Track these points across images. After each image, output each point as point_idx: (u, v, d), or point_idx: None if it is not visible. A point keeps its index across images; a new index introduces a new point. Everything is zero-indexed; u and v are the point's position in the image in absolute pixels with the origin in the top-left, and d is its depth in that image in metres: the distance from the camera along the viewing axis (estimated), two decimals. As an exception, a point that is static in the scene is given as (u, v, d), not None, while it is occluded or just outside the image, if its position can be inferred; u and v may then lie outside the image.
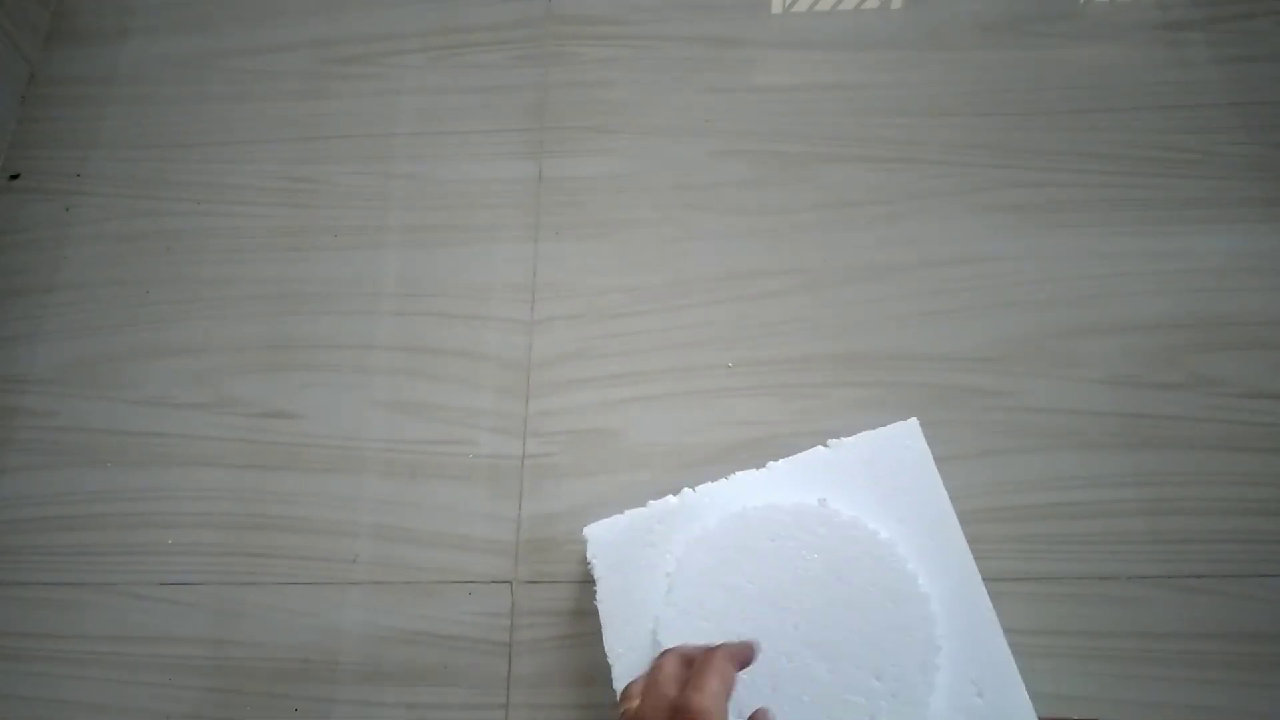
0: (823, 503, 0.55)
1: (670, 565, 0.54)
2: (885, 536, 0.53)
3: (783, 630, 0.51)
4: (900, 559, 0.52)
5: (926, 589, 0.51)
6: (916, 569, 0.52)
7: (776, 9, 0.83)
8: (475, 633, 0.61)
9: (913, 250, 0.71)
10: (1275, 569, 0.59)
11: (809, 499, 0.55)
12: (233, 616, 0.63)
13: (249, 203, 0.78)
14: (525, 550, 0.63)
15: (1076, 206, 0.72)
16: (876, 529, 0.53)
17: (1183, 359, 0.66)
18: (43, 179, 0.81)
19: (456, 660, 0.60)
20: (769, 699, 0.49)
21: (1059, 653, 0.57)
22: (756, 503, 0.55)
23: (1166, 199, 0.72)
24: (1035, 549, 0.61)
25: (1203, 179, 0.72)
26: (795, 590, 0.52)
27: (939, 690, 0.49)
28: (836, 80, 0.79)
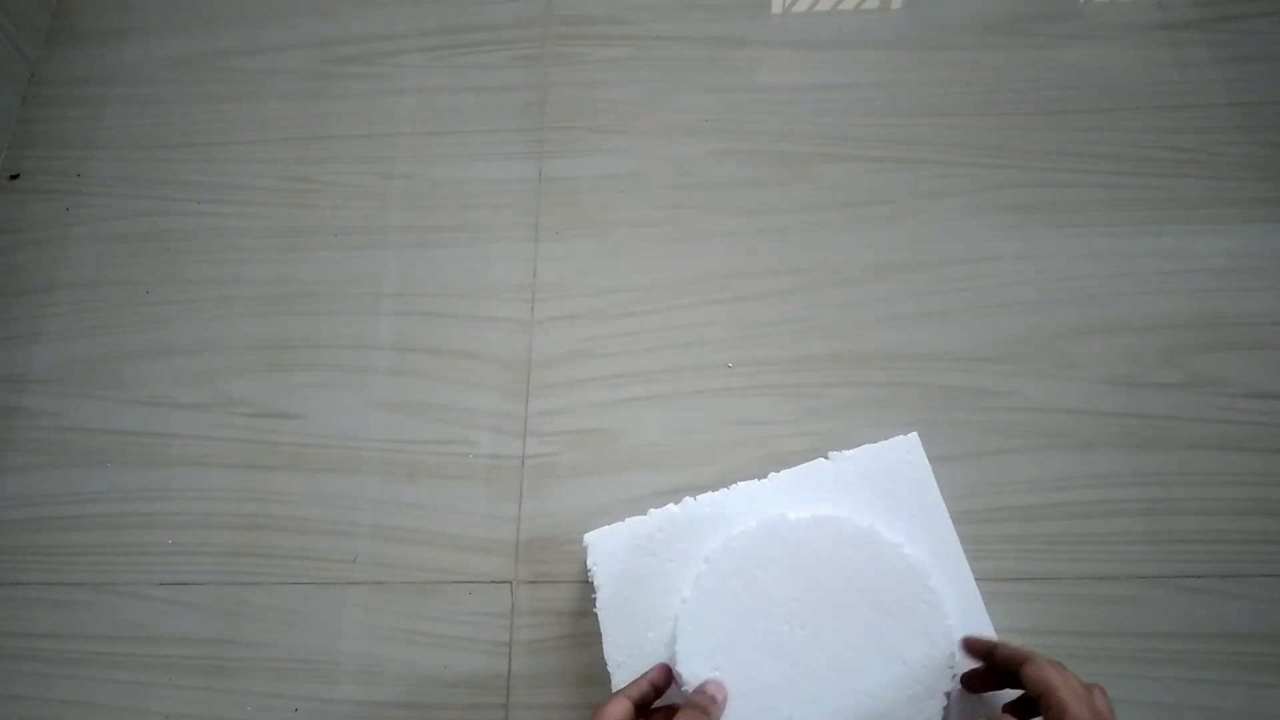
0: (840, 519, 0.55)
1: (693, 570, 0.54)
2: (908, 551, 0.53)
3: (804, 651, 0.50)
4: (925, 576, 0.52)
5: (945, 610, 0.51)
6: (938, 588, 0.52)
7: (776, 9, 0.83)
8: (475, 633, 0.61)
9: (913, 250, 0.71)
10: (1276, 569, 0.59)
11: (820, 510, 0.55)
12: (232, 616, 0.63)
13: (249, 203, 0.78)
14: (525, 550, 0.63)
15: (1076, 207, 0.72)
16: (899, 543, 0.53)
17: (1183, 359, 0.66)
18: (43, 179, 0.81)
19: (456, 660, 0.60)
20: (787, 708, 0.49)
21: (1059, 653, 0.57)
22: (774, 514, 0.55)
23: (1166, 199, 0.72)
24: (1035, 549, 0.61)
25: (1202, 179, 0.72)
26: (815, 608, 0.52)
27: (952, 708, 0.50)
28: (837, 80, 0.79)
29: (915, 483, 0.56)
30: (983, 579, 0.54)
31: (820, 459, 0.58)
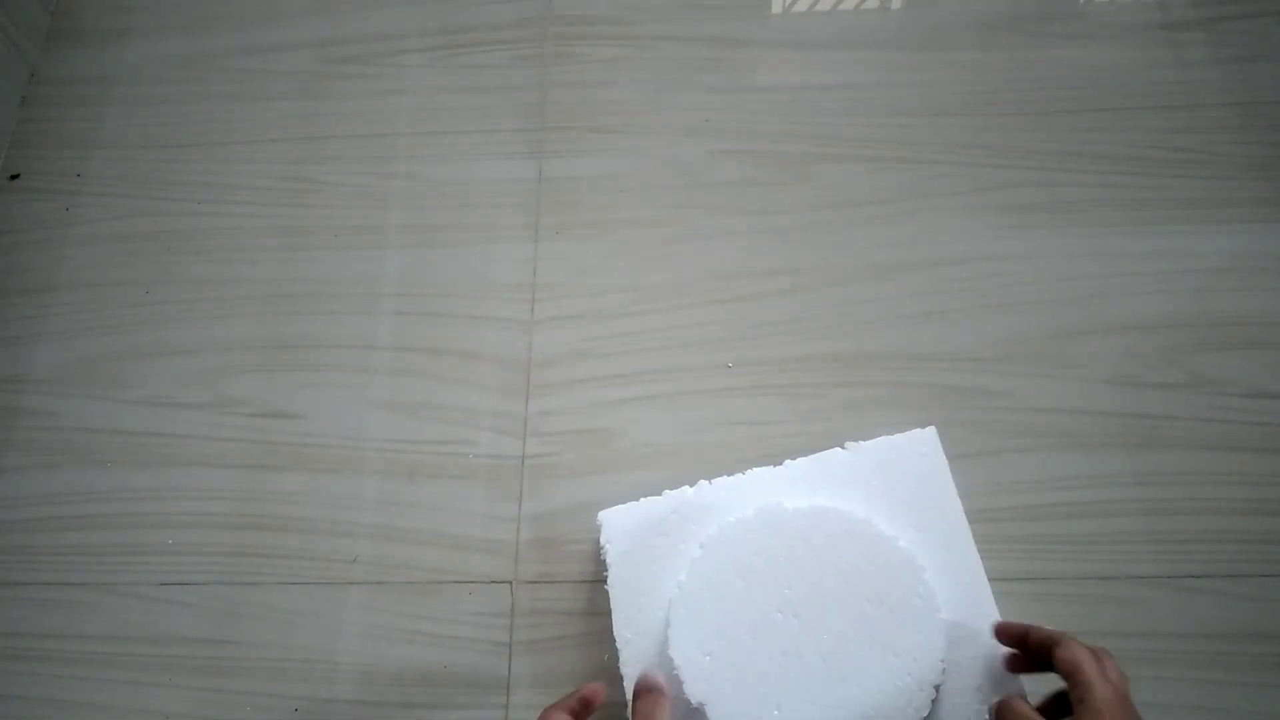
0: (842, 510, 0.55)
1: (689, 556, 0.54)
2: (903, 544, 0.53)
3: (799, 644, 0.51)
4: (919, 570, 0.52)
5: (938, 604, 0.51)
6: (934, 583, 0.52)
7: (776, 9, 0.83)
8: (475, 633, 0.61)
9: (913, 250, 0.71)
10: (1276, 569, 0.59)
11: (825, 500, 0.55)
12: (232, 616, 0.63)
13: (249, 202, 0.78)
14: (525, 550, 0.63)
15: (1077, 206, 0.72)
16: (894, 535, 0.53)
17: (1183, 359, 0.66)
18: (43, 179, 0.81)
19: (456, 660, 0.60)
20: (775, 694, 0.50)
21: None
22: (772, 503, 0.55)
23: (1167, 199, 0.71)
24: (1036, 549, 0.61)
25: (1203, 179, 0.72)
26: (808, 596, 0.52)
27: (945, 697, 0.50)
28: (837, 80, 0.79)
29: (930, 475, 0.56)
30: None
31: (837, 448, 0.58)
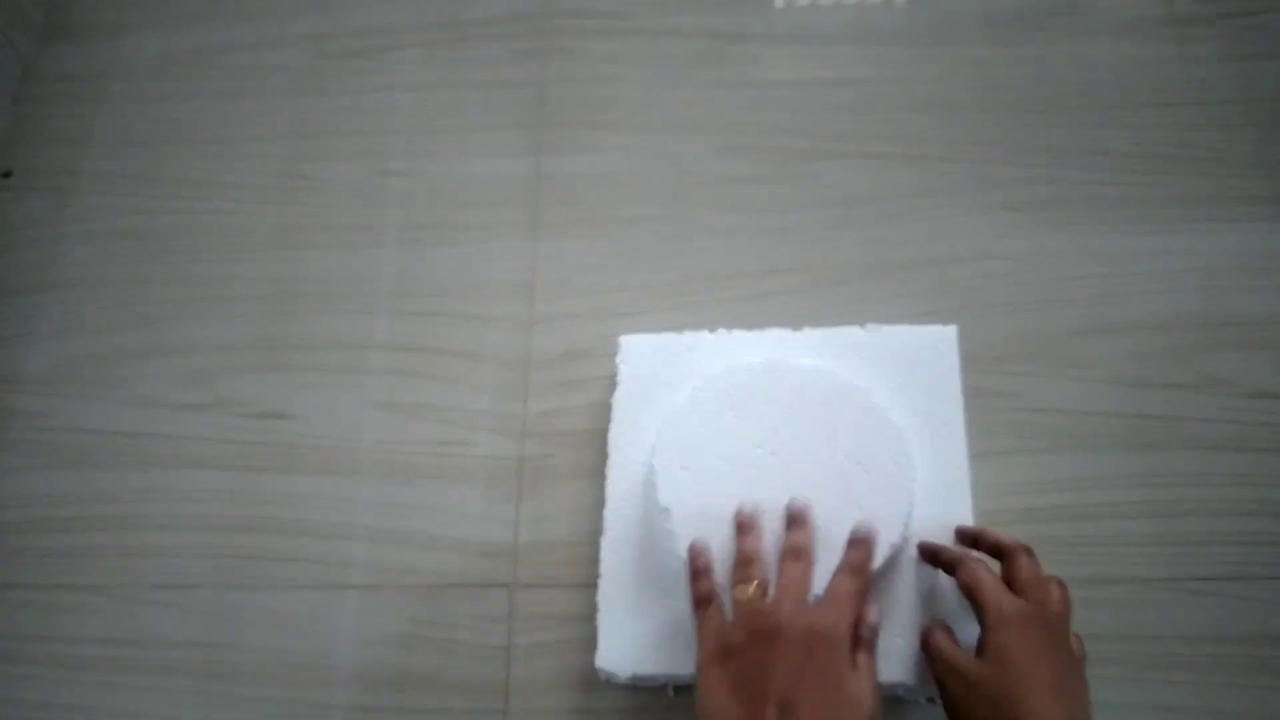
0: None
1: (685, 389, 0.57)
2: (894, 416, 0.56)
3: (770, 477, 0.54)
4: (903, 442, 0.55)
5: (914, 474, 0.54)
6: (914, 455, 0.55)
7: (778, 3, 0.82)
8: (472, 637, 0.60)
9: (915, 248, 0.70)
10: (1282, 571, 0.59)
11: (831, 366, 0.58)
12: (228, 620, 0.62)
13: (245, 200, 0.77)
14: (524, 553, 0.63)
15: (1082, 204, 0.71)
16: (887, 407, 0.56)
17: (1190, 359, 0.65)
18: (37, 176, 0.80)
19: (453, 664, 0.60)
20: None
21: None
22: (779, 356, 0.58)
23: (1173, 197, 0.71)
24: (1040, 551, 0.59)
25: (1210, 177, 0.71)
26: (790, 441, 0.55)
27: (904, 566, 0.53)
28: (839, 76, 0.78)
29: (940, 369, 0.59)
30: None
31: (856, 327, 0.61)
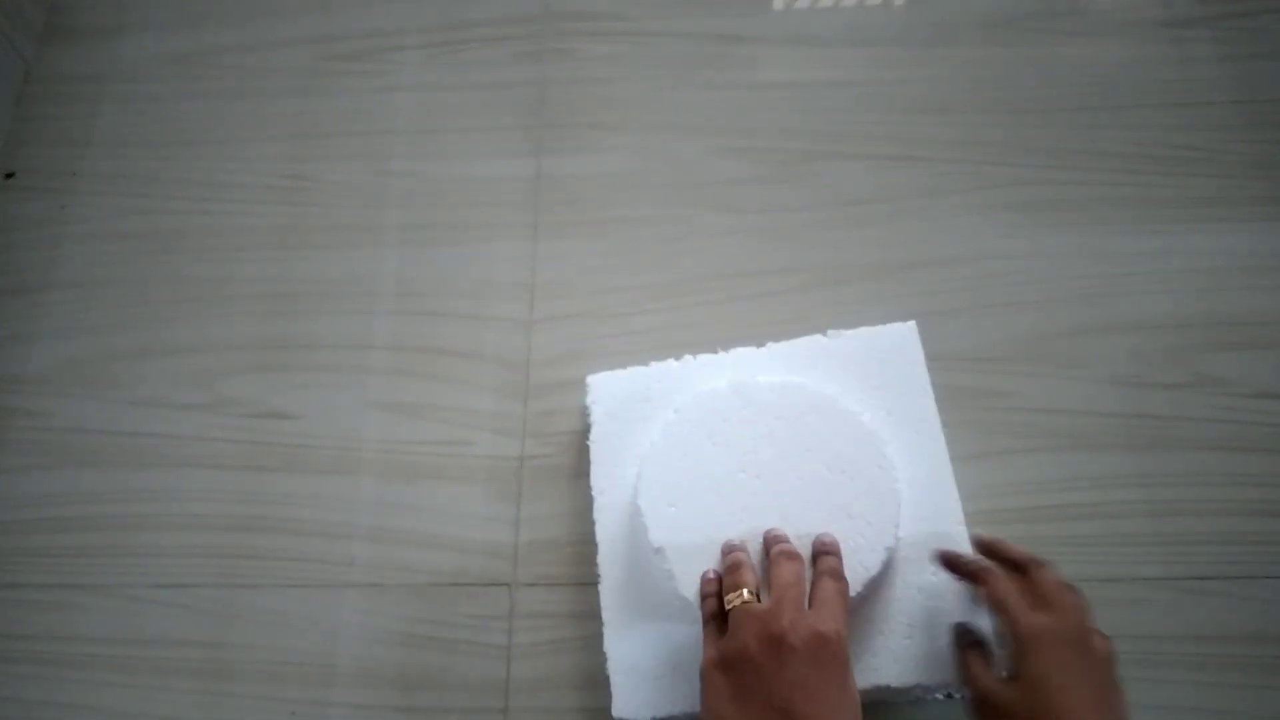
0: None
1: (659, 423, 0.57)
2: (868, 419, 0.56)
3: (758, 500, 0.53)
4: (881, 444, 0.55)
5: (897, 475, 0.54)
6: (896, 458, 0.55)
7: (778, 5, 0.82)
8: (473, 636, 0.60)
9: (915, 249, 0.70)
10: (1281, 570, 0.59)
11: (791, 377, 0.58)
12: (229, 619, 0.62)
13: (245, 201, 0.77)
14: (524, 552, 0.63)
15: (1080, 205, 0.71)
16: (860, 411, 0.56)
17: (1188, 359, 0.65)
18: (38, 177, 0.80)
19: (454, 663, 0.60)
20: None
21: (1063, 656, 0.57)
22: (746, 376, 0.58)
23: (1171, 197, 0.71)
24: (1039, 551, 0.60)
25: (1207, 177, 0.71)
26: (771, 460, 0.55)
27: (897, 565, 0.53)
28: (838, 77, 0.78)
29: (906, 365, 0.59)
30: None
31: (818, 335, 0.61)
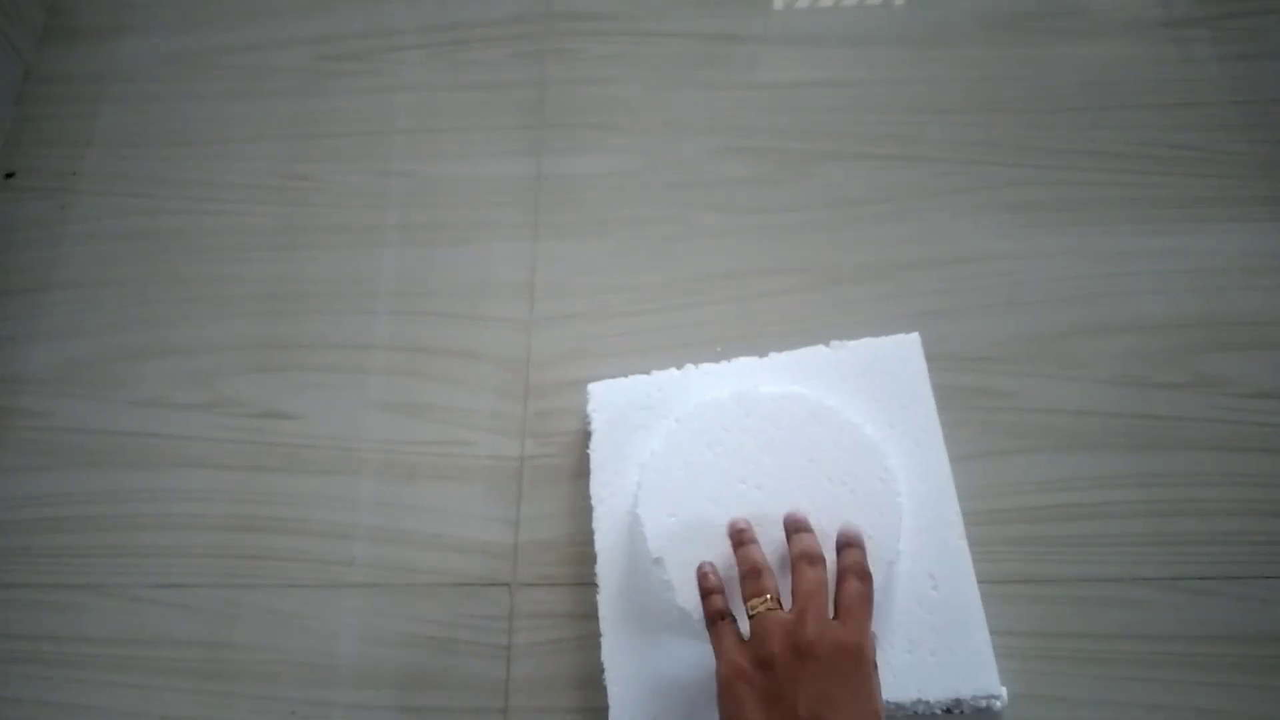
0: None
1: (660, 432, 0.58)
2: (870, 431, 0.56)
3: (758, 511, 0.53)
4: (882, 455, 0.55)
5: (899, 488, 0.54)
6: (898, 470, 0.55)
7: (778, 5, 0.82)
8: (473, 636, 0.60)
9: (914, 249, 0.70)
10: (1281, 571, 0.59)
11: (793, 387, 0.58)
12: (229, 619, 0.62)
13: (245, 201, 0.77)
14: (524, 552, 0.63)
15: (1079, 205, 0.71)
16: (862, 423, 0.56)
17: (1188, 359, 0.65)
18: (38, 177, 0.80)
19: (454, 663, 0.60)
20: (730, 553, 0.53)
21: (1062, 655, 0.57)
22: (748, 386, 0.58)
23: (1171, 197, 0.71)
24: (1038, 551, 0.60)
25: (1208, 177, 0.71)
26: (772, 471, 0.55)
27: (898, 580, 0.53)
28: (838, 77, 0.78)
29: (909, 377, 0.59)
30: (985, 581, 0.55)
31: (821, 345, 0.61)
